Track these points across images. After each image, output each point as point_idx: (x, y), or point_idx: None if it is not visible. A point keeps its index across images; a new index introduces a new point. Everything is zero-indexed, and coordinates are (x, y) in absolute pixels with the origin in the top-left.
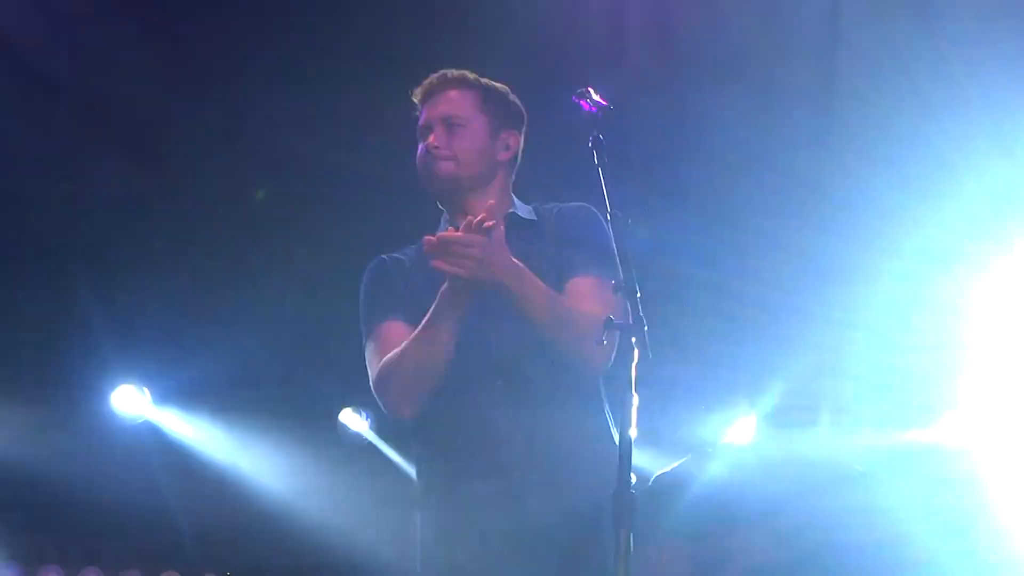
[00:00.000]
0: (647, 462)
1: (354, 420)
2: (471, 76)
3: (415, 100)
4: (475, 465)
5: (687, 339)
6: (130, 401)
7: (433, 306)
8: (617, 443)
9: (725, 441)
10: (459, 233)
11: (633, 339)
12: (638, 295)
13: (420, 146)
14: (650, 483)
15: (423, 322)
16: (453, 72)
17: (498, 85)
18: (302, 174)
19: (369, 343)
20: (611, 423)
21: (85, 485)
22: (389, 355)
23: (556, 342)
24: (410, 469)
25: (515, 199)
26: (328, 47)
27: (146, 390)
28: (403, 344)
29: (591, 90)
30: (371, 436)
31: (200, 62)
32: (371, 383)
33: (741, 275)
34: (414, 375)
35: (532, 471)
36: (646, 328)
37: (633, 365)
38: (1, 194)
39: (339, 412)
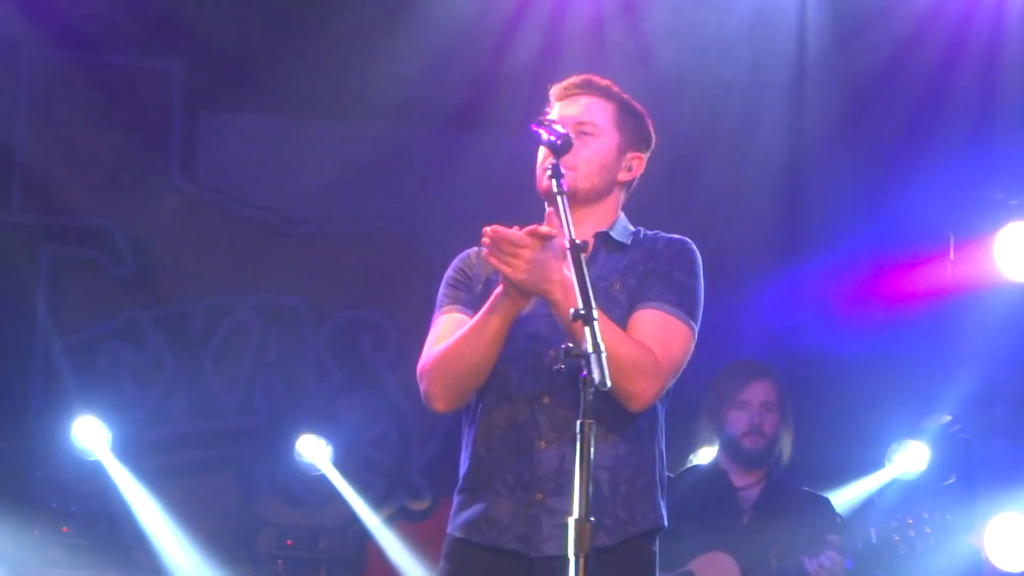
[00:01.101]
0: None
1: (312, 449)
2: (614, 88)
3: (550, 94)
4: (504, 478)
5: None
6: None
7: (487, 303)
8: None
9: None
10: (516, 232)
11: (589, 366)
12: (596, 322)
13: (551, 173)
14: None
15: (475, 317)
16: (598, 79)
17: (636, 104)
18: None
19: (430, 330)
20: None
21: None
22: (439, 344)
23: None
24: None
25: (622, 220)
26: None
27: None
28: (454, 335)
29: (550, 118)
30: (327, 468)
31: None
32: (417, 368)
33: None
34: (455, 368)
35: (556, 494)
36: (603, 355)
37: (588, 392)
38: None
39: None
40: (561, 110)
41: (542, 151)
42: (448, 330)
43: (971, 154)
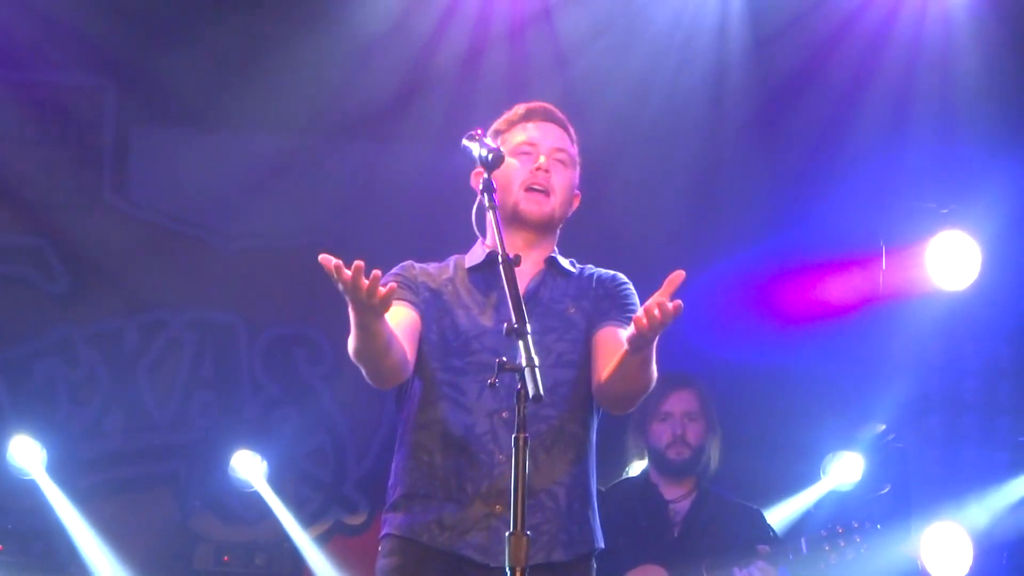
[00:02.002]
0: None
1: (247, 464)
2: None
3: (518, 112)
4: (462, 487)
5: None
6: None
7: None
8: (593, 487)
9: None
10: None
11: (523, 379)
12: (529, 336)
13: (523, 164)
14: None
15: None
16: (561, 113)
17: None
18: None
19: None
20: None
21: None
22: None
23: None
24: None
25: (556, 250)
26: None
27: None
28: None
29: (481, 133)
30: (261, 484)
31: None
32: None
33: None
34: (373, 364)
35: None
36: (537, 368)
37: (522, 405)
38: None
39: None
40: (541, 132)
41: (512, 172)
42: (400, 322)
43: (891, 159)
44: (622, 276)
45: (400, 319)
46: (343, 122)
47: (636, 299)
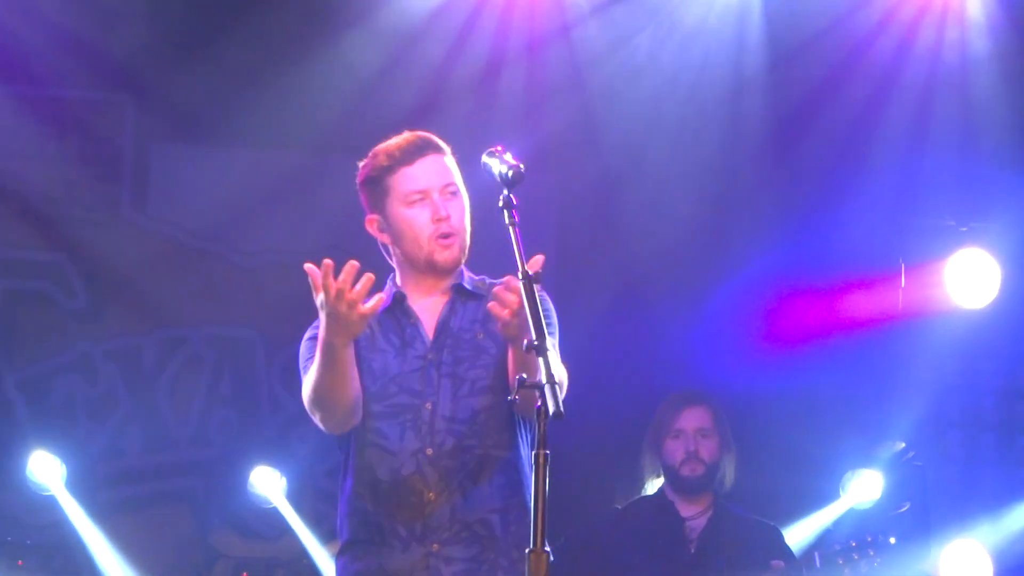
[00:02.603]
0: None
1: (266, 481)
2: (444, 143)
3: (393, 156)
4: (396, 531)
5: None
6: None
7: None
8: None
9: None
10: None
11: (543, 396)
12: (549, 353)
13: (422, 215)
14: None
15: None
16: (433, 136)
17: None
18: None
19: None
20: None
21: None
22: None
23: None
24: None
25: (464, 269)
26: None
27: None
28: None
29: (501, 149)
30: (280, 500)
31: None
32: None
33: None
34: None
35: (452, 543)
36: (556, 385)
37: (543, 422)
38: None
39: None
40: (425, 176)
41: (415, 226)
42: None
43: (910, 176)
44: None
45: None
46: (360, 138)
47: (551, 311)
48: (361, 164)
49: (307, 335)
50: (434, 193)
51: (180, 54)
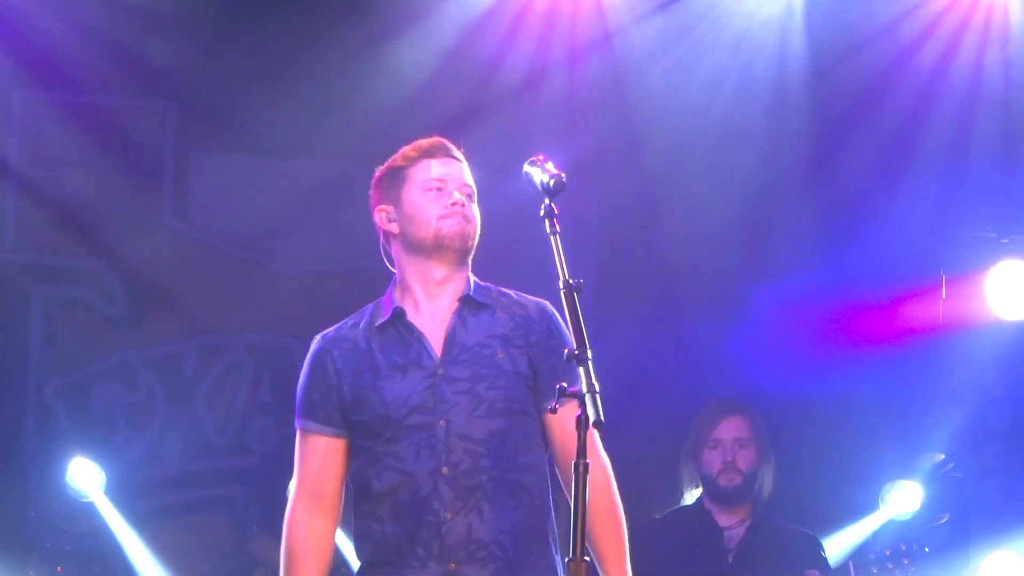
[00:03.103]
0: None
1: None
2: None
3: (419, 148)
4: (414, 551)
5: None
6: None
7: None
8: (547, 529)
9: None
10: None
11: (583, 406)
12: (590, 362)
13: (437, 200)
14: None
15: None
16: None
17: None
18: None
19: (297, 444)
20: (552, 516)
21: None
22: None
23: None
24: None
25: (471, 278)
26: None
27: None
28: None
29: (543, 159)
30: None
31: None
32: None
33: None
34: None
35: (468, 562)
36: (597, 395)
37: (583, 431)
38: None
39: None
40: (447, 170)
41: (425, 207)
42: (309, 454)
43: (951, 188)
44: (549, 309)
45: (319, 453)
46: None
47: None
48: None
49: (301, 380)
50: (452, 186)
51: (221, 62)
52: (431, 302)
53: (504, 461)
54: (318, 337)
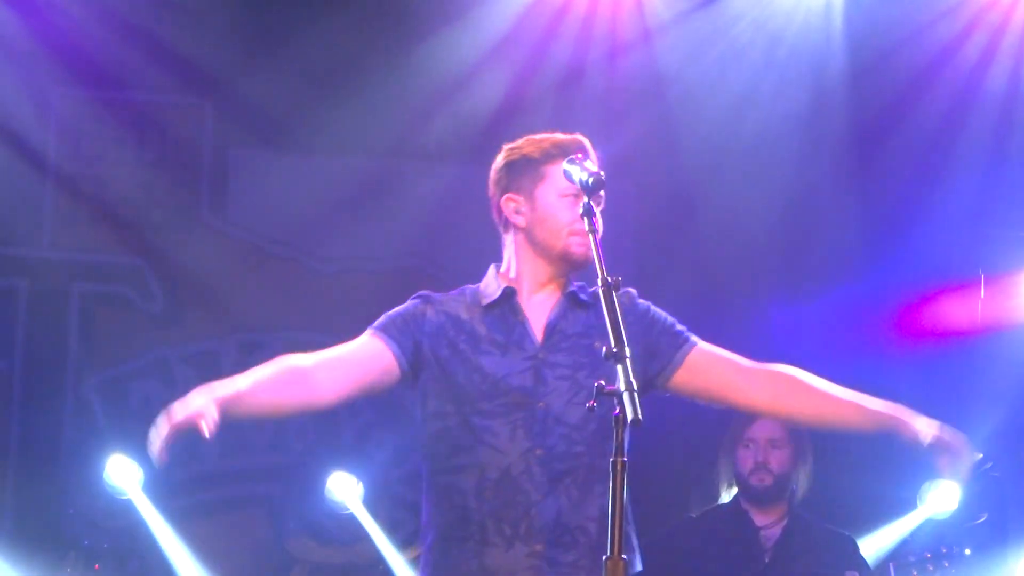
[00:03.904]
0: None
1: (343, 487)
2: None
3: (558, 146)
4: (500, 529)
5: None
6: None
7: None
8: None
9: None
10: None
11: (622, 404)
12: (628, 360)
13: (572, 210)
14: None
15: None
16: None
17: None
18: None
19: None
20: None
21: None
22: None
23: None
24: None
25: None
26: None
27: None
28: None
29: (582, 156)
30: (356, 506)
31: None
32: None
33: None
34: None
35: (555, 545)
36: (635, 393)
37: (620, 429)
38: None
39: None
40: (591, 168)
41: (560, 217)
42: (348, 347)
43: (990, 187)
44: (634, 293)
45: (367, 351)
46: (439, 145)
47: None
48: (510, 146)
49: (391, 312)
50: (591, 197)
51: (260, 59)
52: (537, 292)
53: (596, 447)
54: (421, 293)
